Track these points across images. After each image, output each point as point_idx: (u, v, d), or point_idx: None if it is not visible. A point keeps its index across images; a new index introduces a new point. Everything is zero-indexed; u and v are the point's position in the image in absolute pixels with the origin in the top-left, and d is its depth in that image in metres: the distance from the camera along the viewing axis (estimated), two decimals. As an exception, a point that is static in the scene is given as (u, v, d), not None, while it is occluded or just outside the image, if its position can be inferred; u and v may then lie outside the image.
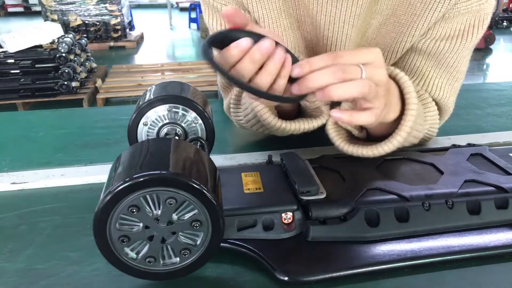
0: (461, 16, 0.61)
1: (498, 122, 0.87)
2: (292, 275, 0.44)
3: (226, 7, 0.65)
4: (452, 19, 0.61)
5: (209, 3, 0.66)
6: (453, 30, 0.62)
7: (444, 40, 0.63)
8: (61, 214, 0.57)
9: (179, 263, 0.42)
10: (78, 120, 0.92)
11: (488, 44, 5.60)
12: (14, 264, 0.48)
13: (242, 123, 0.73)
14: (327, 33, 0.64)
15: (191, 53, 5.89)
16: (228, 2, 0.65)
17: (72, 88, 3.58)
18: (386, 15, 0.64)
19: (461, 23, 0.62)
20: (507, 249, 0.48)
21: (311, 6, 0.62)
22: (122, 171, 0.40)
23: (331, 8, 0.61)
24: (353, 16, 0.61)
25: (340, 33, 0.63)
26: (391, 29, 0.65)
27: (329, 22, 0.62)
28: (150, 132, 0.57)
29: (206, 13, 0.69)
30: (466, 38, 0.62)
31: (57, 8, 5.55)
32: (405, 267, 0.46)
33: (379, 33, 0.66)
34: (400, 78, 0.56)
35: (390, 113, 0.55)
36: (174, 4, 9.27)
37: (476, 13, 0.61)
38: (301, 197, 0.50)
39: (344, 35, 0.63)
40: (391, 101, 0.53)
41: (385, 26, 0.65)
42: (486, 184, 0.54)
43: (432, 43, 0.63)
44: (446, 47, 0.63)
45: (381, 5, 0.63)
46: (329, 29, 0.63)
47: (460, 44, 0.63)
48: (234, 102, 0.72)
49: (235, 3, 0.65)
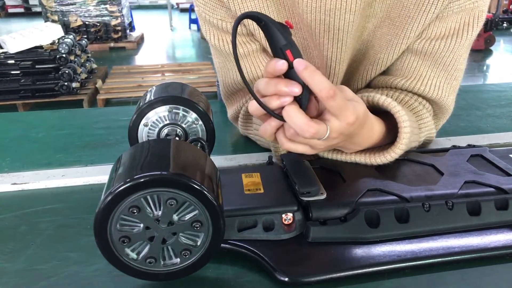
0: (455, 15, 0.61)
1: (498, 123, 0.87)
2: (292, 276, 0.44)
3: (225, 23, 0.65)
4: (446, 18, 0.62)
5: (205, 18, 0.66)
6: (448, 29, 0.62)
7: (440, 39, 0.63)
8: (62, 214, 0.57)
9: (180, 263, 0.42)
10: (78, 120, 0.92)
11: (488, 45, 5.60)
12: (14, 264, 0.48)
13: (250, 135, 0.74)
14: (323, 40, 0.64)
15: (191, 54, 5.89)
16: (223, 17, 0.65)
17: (72, 89, 3.59)
18: (380, 18, 0.64)
19: (455, 21, 0.62)
20: (507, 250, 0.48)
21: (305, 16, 0.62)
22: (123, 171, 0.40)
23: (325, 16, 0.61)
24: (347, 23, 0.61)
25: (335, 40, 0.64)
26: (386, 31, 0.65)
27: (323, 30, 0.63)
28: (151, 133, 0.57)
29: (203, 28, 0.69)
30: (462, 36, 0.63)
31: (57, 9, 5.56)
32: (405, 268, 0.46)
33: (374, 36, 0.66)
34: (383, 101, 0.57)
35: (355, 146, 0.58)
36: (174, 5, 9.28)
37: (470, 11, 0.61)
38: (302, 198, 0.50)
39: (339, 42, 0.64)
40: (359, 136, 0.55)
41: (380, 28, 0.65)
42: (486, 185, 0.54)
43: (428, 43, 0.64)
44: (442, 46, 0.63)
45: (375, 9, 0.63)
46: (324, 36, 0.64)
47: (455, 43, 0.63)
48: (244, 116, 0.73)
49: (230, 18, 0.65)
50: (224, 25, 0.65)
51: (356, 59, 0.70)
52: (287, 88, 0.46)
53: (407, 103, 0.65)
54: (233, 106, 0.76)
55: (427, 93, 0.66)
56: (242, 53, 0.67)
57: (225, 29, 0.66)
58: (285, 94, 0.46)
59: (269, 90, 0.47)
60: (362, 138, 0.56)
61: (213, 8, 0.65)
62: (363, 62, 0.69)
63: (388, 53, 0.66)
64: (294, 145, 0.51)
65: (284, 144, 0.51)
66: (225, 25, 0.65)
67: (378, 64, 0.68)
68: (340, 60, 0.66)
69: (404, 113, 0.56)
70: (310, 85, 0.45)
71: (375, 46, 0.67)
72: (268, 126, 0.50)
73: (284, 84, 0.46)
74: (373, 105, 0.59)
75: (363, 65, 0.70)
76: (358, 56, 0.69)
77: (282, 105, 0.46)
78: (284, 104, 0.46)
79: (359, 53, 0.69)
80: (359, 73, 0.71)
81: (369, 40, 0.67)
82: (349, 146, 0.57)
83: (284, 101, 0.46)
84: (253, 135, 0.73)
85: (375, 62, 0.68)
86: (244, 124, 0.74)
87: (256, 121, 0.69)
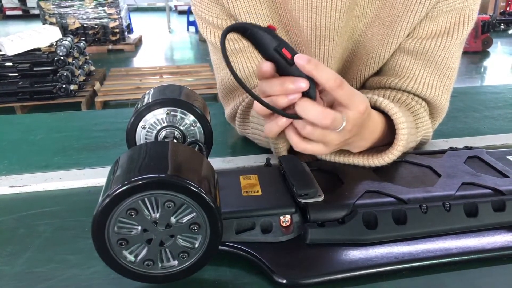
0: (445, 14, 0.62)
1: (495, 125, 0.87)
2: (290, 278, 0.44)
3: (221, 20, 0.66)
4: (436, 17, 0.62)
5: (201, 16, 0.68)
6: (439, 28, 0.63)
7: (431, 38, 0.64)
8: (60, 217, 0.57)
9: (178, 266, 0.42)
10: (76, 123, 0.93)
11: (486, 47, 5.62)
12: (13, 267, 0.48)
13: (248, 135, 0.74)
14: (311, 37, 0.65)
15: (189, 56, 5.90)
16: (218, 14, 0.66)
17: (70, 91, 3.58)
18: (371, 18, 0.65)
19: (446, 21, 0.62)
20: (505, 251, 0.48)
21: (294, 13, 0.63)
22: (120, 174, 0.40)
23: (311, 14, 0.62)
24: (334, 21, 0.62)
25: (323, 37, 0.64)
26: (377, 31, 0.65)
27: (311, 28, 0.64)
28: (149, 135, 0.58)
29: (200, 26, 0.70)
30: (452, 35, 0.63)
31: (55, 11, 5.56)
32: (403, 269, 0.46)
33: (365, 36, 0.67)
34: (380, 102, 0.57)
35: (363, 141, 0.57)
36: (172, 7, 9.28)
37: (460, 10, 0.62)
38: (299, 200, 0.50)
39: (326, 39, 0.65)
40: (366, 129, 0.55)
41: (370, 28, 0.66)
42: (484, 186, 0.55)
43: (419, 42, 0.64)
44: (433, 45, 0.64)
45: (364, 9, 0.64)
46: (311, 34, 0.64)
47: (446, 42, 0.64)
48: (242, 115, 0.73)
49: (225, 15, 0.66)
50: (219, 23, 0.66)
51: (349, 59, 0.70)
52: (293, 85, 0.45)
53: (404, 102, 0.65)
54: (230, 105, 0.76)
55: (420, 91, 0.66)
56: (237, 48, 0.68)
57: (220, 26, 0.67)
58: (292, 92, 0.46)
59: (275, 90, 0.46)
60: (369, 131, 0.56)
61: (208, 6, 0.66)
62: (356, 62, 0.70)
63: (380, 52, 0.67)
64: (309, 145, 0.50)
65: (299, 145, 0.50)
66: (220, 22, 0.66)
67: (371, 64, 0.68)
68: (329, 58, 0.67)
69: (402, 114, 0.57)
70: (316, 78, 0.45)
71: (367, 46, 0.68)
72: (275, 125, 0.49)
73: (289, 81, 0.45)
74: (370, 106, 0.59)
75: (356, 65, 0.70)
76: (350, 56, 0.70)
77: (291, 102, 0.46)
78: (294, 101, 0.46)
79: (351, 53, 0.70)
80: (353, 73, 0.71)
81: (361, 40, 0.68)
82: (357, 142, 0.56)
83: (293, 98, 0.46)
84: (251, 134, 0.73)
85: (368, 62, 0.68)
86: (241, 123, 0.73)
87: (253, 120, 0.69)
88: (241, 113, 0.73)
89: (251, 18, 0.65)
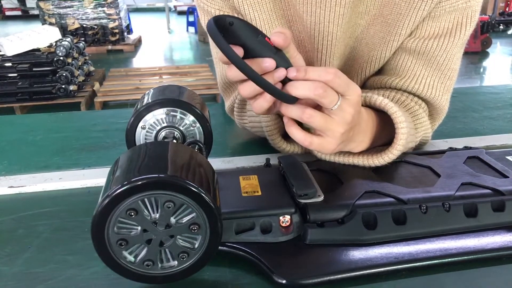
0: (447, 14, 0.62)
1: (494, 125, 0.87)
2: (290, 278, 0.44)
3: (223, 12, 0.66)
4: (439, 17, 0.62)
5: (203, 8, 0.68)
6: (441, 28, 0.63)
7: (433, 39, 0.64)
8: (59, 217, 0.57)
9: (177, 266, 0.42)
10: (76, 123, 0.92)
11: (485, 48, 5.63)
12: (12, 267, 0.48)
13: (246, 126, 0.74)
14: (313, 32, 0.65)
15: (189, 56, 5.90)
16: (221, 7, 0.66)
17: (69, 91, 3.58)
18: (373, 15, 0.65)
19: (448, 21, 0.63)
20: (504, 252, 0.48)
21: (298, 7, 0.63)
22: (120, 174, 0.40)
23: (316, 8, 0.62)
24: (338, 16, 0.62)
25: (326, 32, 0.64)
26: (379, 29, 0.66)
27: (315, 22, 0.64)
28: (148, 136, 0.57)
29: (202, 18, 0.70)
30: (455, 36, 0.63)
31: (55, 11, 5.56)
32: (402, 269, 0.46)
33: (367, 33, 0.67)
34: (380, 102, 0.58)
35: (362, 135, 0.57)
36: (172, 8, 9.28)
37: (463, 10, 0.62)
38: (299, 200, 0.50)
39: (330, 35, 0.65)
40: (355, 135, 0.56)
41: (373, 26, 0.66)
42: (483, 187, 0.55)
43: (421, 42, 0.64)
44: (435, 45, 0.64)
45: (367, 6, 0.64)
46: (315, 28, 0.64)
47: (448, 42, 0.64)
48: (239, 106, 0.74)
49: (228, 7, 0.66)
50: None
51: (351, 56, 0.70)
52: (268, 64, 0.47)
53: (403, 103, 0.65)
54: (229, 98, 0.77)
55: (421, 92, 0.66)
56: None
57: None
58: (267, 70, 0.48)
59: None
60: (365, 124, 0.57)
61: None
62: (357, 60, 0.70)
63: (381, 50, 0.67)
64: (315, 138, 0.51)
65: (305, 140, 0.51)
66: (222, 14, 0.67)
67: (373, 62, 0.69)
68: (331, 54, 0.67)
69: (401, 114, 0.57)
70: (311, 79, 0.47)
71: (368, 43, 0.68)
72: (263, 101, 0.50)
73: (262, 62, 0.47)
74: (370, 105, 0.59)
75: (358, 63, 0.70)
76: (352, 53, 0.70)
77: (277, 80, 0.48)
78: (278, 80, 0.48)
79: (353, 50, 0.70)
80: (354, 71, 0.71)
81: (363, 38, 0.68)
82: (358, 136, 0.57)
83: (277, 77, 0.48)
84: (248, 123, 0.74)
85: (369, 59, 0.69)
86: (239, 114, 0.75)
87: (250, 107, 0.70)
88: (239, 103, 0.74)
89: (255, 11, 0.65)
